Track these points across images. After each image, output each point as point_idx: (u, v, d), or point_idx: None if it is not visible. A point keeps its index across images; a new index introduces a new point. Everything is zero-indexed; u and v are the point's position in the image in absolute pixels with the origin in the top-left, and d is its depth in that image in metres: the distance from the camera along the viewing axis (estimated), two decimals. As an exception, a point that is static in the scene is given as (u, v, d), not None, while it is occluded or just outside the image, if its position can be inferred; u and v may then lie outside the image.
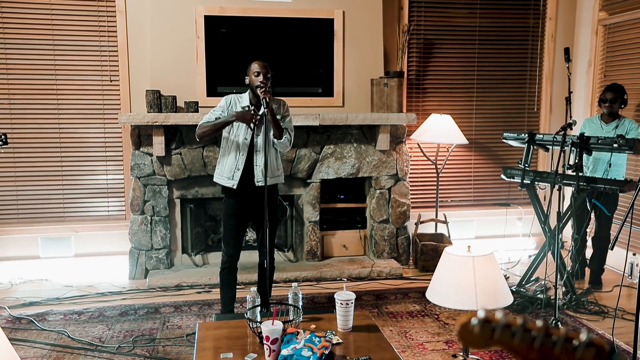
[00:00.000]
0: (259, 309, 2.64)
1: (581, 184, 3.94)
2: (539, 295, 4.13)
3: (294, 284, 2.72)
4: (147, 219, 4.69)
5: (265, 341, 2.28)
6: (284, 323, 2.37)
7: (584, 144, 3.85)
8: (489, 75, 5.56)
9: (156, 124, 4.48)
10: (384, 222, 5.10)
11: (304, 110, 4.76)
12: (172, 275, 4.61)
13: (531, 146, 4.19)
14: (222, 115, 3.43)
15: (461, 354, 3.22)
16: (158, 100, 4.55)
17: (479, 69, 5.52)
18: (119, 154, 4.97)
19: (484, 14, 5.46)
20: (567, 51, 4.49)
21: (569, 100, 4.43)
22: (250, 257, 4.55)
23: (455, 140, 5.08)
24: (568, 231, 4.84)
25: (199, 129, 3.42)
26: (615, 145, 3.80)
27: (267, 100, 3.23)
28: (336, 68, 4.95)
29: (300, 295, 2.67)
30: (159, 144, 4.56)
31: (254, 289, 2.71)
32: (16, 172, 4.83)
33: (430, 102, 5.47)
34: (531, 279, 4.45)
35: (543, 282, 4.31)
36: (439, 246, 4.87)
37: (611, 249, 2.93)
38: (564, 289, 4.22)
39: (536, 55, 5.61)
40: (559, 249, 3.80)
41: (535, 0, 5.53)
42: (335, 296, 2.58)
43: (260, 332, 2.35)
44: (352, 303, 2.57)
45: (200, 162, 4.70)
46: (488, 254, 2.68)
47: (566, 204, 4.44)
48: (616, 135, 4.15)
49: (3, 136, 3.77)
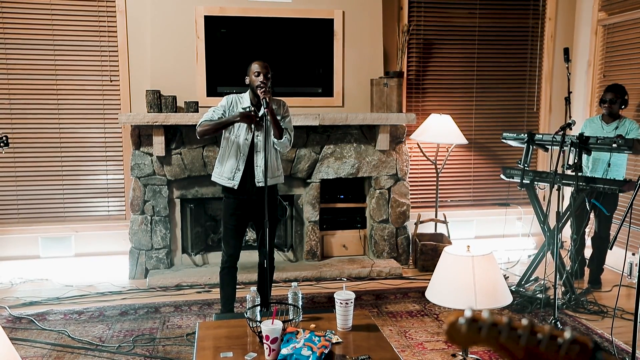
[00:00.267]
0: (258, 308, 2.64)
1: (580, 183, 3.95)
2: (538, 295, 4.14)
3: (294, 284, 2.72)
4: (147, 218, 4.70)
5: (265, 340, 2.28)
6: (283, 322, 2.38)
7: (583, 144, 3.85)
8: (488, 76, 5.57)
9: (156, 124, 4.48)
10: (384, 222, 5.10)
11: (303, 110, 4.77)
12: (172, 275, 4.62)
13: (530, 146, 4.20)
14: (224, 115, 3.44)
15: (460, 353, 3.22)
16: (158, 100, 4.56)
17: (478, 69, 5.53)
18: (119, 153, 4.98)
19: (484, 14, 5.47)
20: (567, 51, 4.50)
21: (568, 100, 4.45)
22: (250, 257, 4.56)
23: (454, 140, 5.09)
24: (567, 231, 4.85)
25: (200, 126, 3.42)
26: (614, 145, 3.81)
27: (267, 100, 3.24)
28: (336, 68, 4.95)
29: (300, 295, 2.67)
30: (159, 144, 4.57)
31: (253, 288, 2.72)
32: (16, 172, 4.83)
33: (430, 102, 5.48)
34: (530, 278, 4.46)
35: (542, 282, 4.32)
36: (438, 246, 4.88)
37: (610, 248, 2.94)
38: (563, 289, 4.23)
39: (536, 56, 5.62)
40: (558, 248, 3.81)
41: (535, 0, 5.54)
42: (334, 296, 2.59)
43: (260, 332, 2.36)
44: (352, 302, 2.58)
45: (200, 162, 4.71)
46: (487, 254, 2.68)
47: (565, 203, 4.45)
48: (616, 135, 4.15)
49: (4, 137, 3.78)
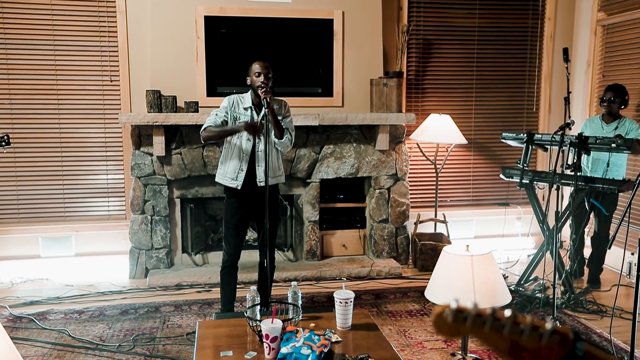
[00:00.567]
0: (258, 307, 2.65)
1: (580, 183, 3.96)
2: (537, 295, 4.15)
3: (294, 283, 2.73)
4: (148, 218, 4.71)
5: (265, 339, 2.30)
6: (283, 321, 2.39)
7: (583, 144, 3.86)
8: (488, 76, 5.58)
9: (156, 124, 4.49)
10: (384, 222, 5.11)
11: (303, 110, 4.77)
12: (172, 275, 4.63)
13: (530, 146, 4.21)
14: (226, 117, 3.46)
15: (460, 352, 3.23)
16: (158, 100, 4.57)
17: (478, 69, 5.54)
18: (120, 153, 4.99)
19: (483, 14, 5.48)
20: (566, 51, 4.51)
21: (567, 100, 4.46)
22: (250, 257, 4.57)
23: (454, 140, 5.10)
24: (567, 231, 4.86)
25: (205, 132, 3.44)
26: (613, 145, 3.82)
27: (268, 100, 3.26)
28: (336, 68, 4.96)
29: (300, 294, 2.69)
30: (159, 144, 4.58)
31: (253, 287, 2.73)
32: (17, 172, 4.84)
33: (430, 102, 5.49)
34: (530, 278, 4.47)
35: (542, 282, 4.33)
36: (438, 246, 4.89)
37: (609, 248, 2.95)
38: (562, 288, 4.24)
39: (535, 56, 5.63)
40: (557, 248, 3.82)
41: (534, 0, 5.55)
42: (334, 295, 2.60)
43: (260, 331, 2.37)
44: (351, 302, 2.59)
45: (200, 162, 4.72)
46: (486, 253, 2.70)
47: (565, 203, 4.46)
48: (615, 135, 4.16)
49: (6, 137, 3.79)
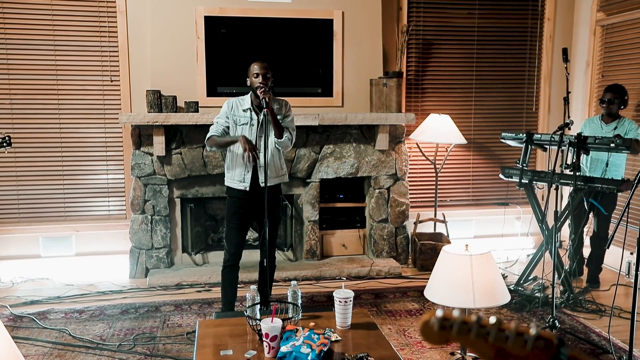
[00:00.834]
0: (258, 306, 2.66)
1: (579, 183, 3.97)
2: (536, 294, 4.16)
3: (293, 282, 2.75)
4: (148, 218, 4.72)
5: (264, 338, 2.31)
6: (283, 321, 2.40)
7: (582, 144, 3.87)
8: (487, 76, 5.59)
9: (156, 123, 4.51)
10: (383, 222, 5.12)
11: (303, 110, 4.78)
12: (173, 274, 4.64)
13: (529, 146, 4.22)
14: (227, 122, 3.55)
15: (459, 352, 3.24)
16: (158, 100, 4.58)
17: (477, 69, 5.55)
18: (120, 153, 5.00)
19: (483, 14, 5.49)
20: (565, 51, 4.52)
21: (567, 100, 4.47)
22: (250, 257, 4.58)
23: (453, 140, 5.11)
24: (566, 230, 4.87)
25: (209, 142, 3.56)
26: (612, 145, 3.82)
27: (267, 100, 3.28)
28: (335, 68, 4.97)
29: (300, 293, 2.70)
30: (159, 144, 4.59)
31: (253, 287, 2.74)
32: (17, 172, 4.85)
33: (429, 102, 5.50)
34: (529, 277, 4.48)
35: (541, 281, 4.34)
36: (437, 245, 4.89)
37: (607, 247, 2.95)
38: (561, 288, 4.25)
39: (534, 56, 5.64)
40: (556, 248, 3.83)
41: (534, 1, 5.56)
42: (333, 294, 2.61)
43: (260, 330, 2.38)
44: (351, 301, 2.60)
45: (200, 162, 4.73)
46: (485, 253, 2.71)
47: (564, 203, 4.47)
48: (614, 135, 4.17)
49: (7, 137, 3.80)
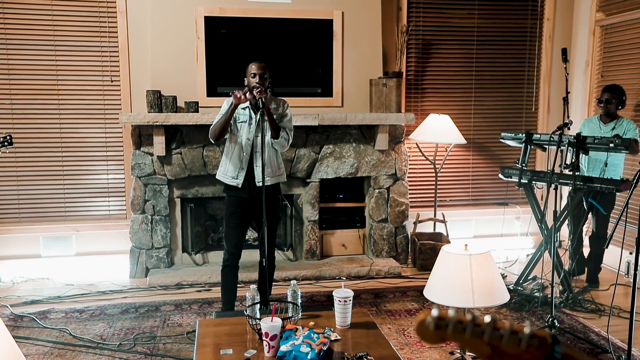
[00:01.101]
0: (258, 306, 2.67)
1: (578, 183, 3.98)
2: (536, 294, 4.17)
3: (293, 281, 2.76)
4: (148, 218, 4.73)
5: (264, 337, 2.31)
6: (283, 320, 2.41)
7: (581, 144, 3.88)
8: (487, 76, 5.60)
9: (157, 123, 4.51)
10: (383, 222, 5.13)
11: (303, 110, 4.79)
12: (173, 274, 4.64)
13: (528, 146, 4.23)
14: None
15: (458, 351, 3.25)
16: (158, 100, 4.59)
17: (477, 70, 5.56)
18: (120, 153, 5.01)
19: (482, 14, 5.50)
20: (565, 52, 4.52)
21: (566, 100, 4.47)
22: (250, 256, 4.58)
23: (453, 140, 5.12)
24: (566, 230, 4.88)
25: (211, 131, 3.52)
26: (611, 145, 3.83)
27: (264, 100, 3.29)
28: (335, 68, 4.98)
29: (299, 293, 2.71)
30: (159, 144, 4.60)
31: (253, 286, 2.75)
32: (18, 172, 4.86)
33: (429, 102, 5.51)
34: (528, 277, 4.49)
35: (540, 281, 4.34)
36: (437, 245, 4.90)
37: (606, 247, 2.96)
38: (561, 288, 4.26)
39: (534, 56, 5.65)
40: (555, 247, 3.84)
41: (533, 1, 5.57)
42: (333, 293, 2.62)
43: (260, 329, 2.39)
44: (350, 300, 2.61)
45: (200, 162, 4.73)
46: (484, 252, 2.72)
47: (563, 203, 4.48)
48: (613, 135, 4.18)
49: (8, 137, 3.81)
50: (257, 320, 2.46)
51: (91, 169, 4.99)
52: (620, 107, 4.40)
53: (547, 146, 4.20)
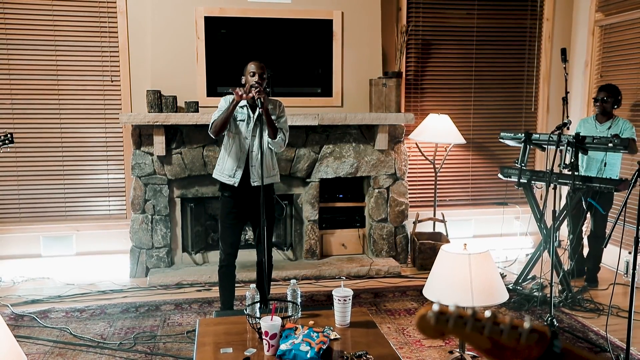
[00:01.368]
0: (258, 305, 2.68)
1: (577, 183, 3.99)
2: (535, 293, 4.18)
3: (293, 281, 2.76)
4: (148, 217, 4.74)
5: (264, 336, 2.32)
6: (282, 319, 2.42)
7: (580, 144, 3.89)
8: (486, 76, 5.61)
9: (157, 123, 4.52)
10: (383, 221, 5.14)
11: (303, 110, 4.80)
12: (173, 274, 4.65)
13: (527, 146, 4.24)
14: None
15: (457, 350, 3.26)
16: (159, 100, 4.60)
17: (476, 70, 5.57)
18: (120, 153, 5.02)
19: (482, 14, 5.51)
20: (564, 52, 4.53)
21: (565, 100, 4.48)
22: (249, 256, 4.60)
23: (453, 140, 5.13)
24: (565, 230, 4.89)
25: (211, 127, 3.48)
26: (610, 144, 3.84)
27: (262, 100, 3.29)
28: (335, 68, 4.99)
29: (299, 292, 2.71)
30: (159, 144, 4.61)
31: (253, 285, 2.76)
32: (18, 171, 4.87)
33: (428, 102, 5.52)
34: (528, 277, 4.50)
35: (539, 280, 4.35)
36: (436, 245, 4.91)
37: (604, 246, 2.97)
38: (560, 287, 4.27)
39: (533, 56, 5.66)
40: (554, 247, 3.85)
41: (533, 1, 5.58)
42: (333, 292, 2.63)
43: (260, 328, 2.40)
44: (350, 299, 2.62)
45: (200, 162, 4.74)
46: (484, 252, 2.73)
47: (562, 202, 4.49)
48: (611, 134, 4.19)
49: (9, 135, 3.82)
50: (257, 319, 2.47)
51: (91, 169, 5.00)
52: (615, 107, 4.41)
53: (546, 146, 4.21)
